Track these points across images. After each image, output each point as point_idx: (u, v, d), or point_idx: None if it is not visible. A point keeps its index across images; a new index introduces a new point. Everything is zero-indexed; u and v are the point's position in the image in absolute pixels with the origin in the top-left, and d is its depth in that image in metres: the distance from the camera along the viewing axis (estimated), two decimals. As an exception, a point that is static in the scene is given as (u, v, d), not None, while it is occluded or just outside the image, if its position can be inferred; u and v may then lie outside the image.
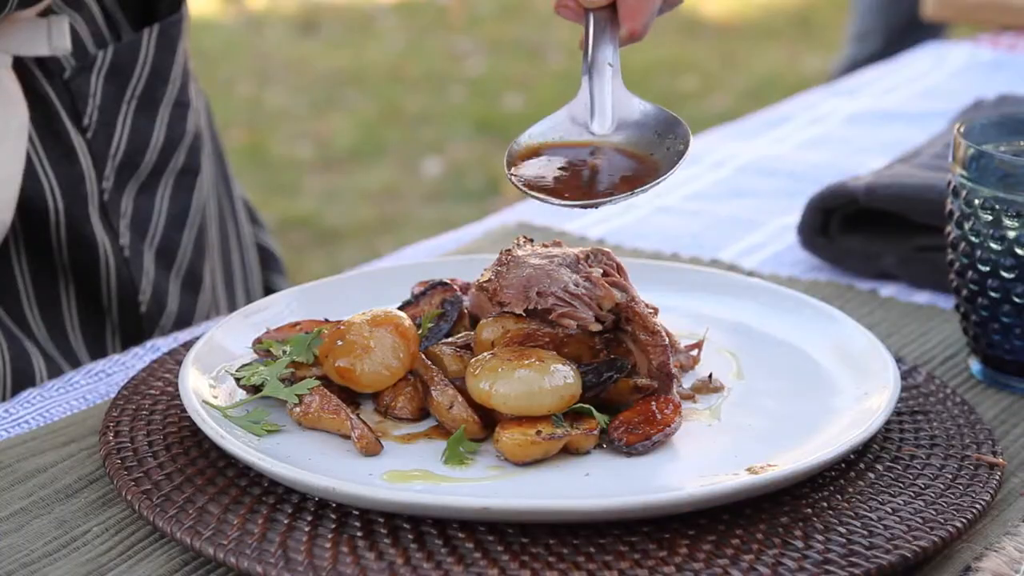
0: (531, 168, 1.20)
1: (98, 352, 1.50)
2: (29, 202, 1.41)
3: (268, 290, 1.78)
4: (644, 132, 1.22)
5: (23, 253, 1.44)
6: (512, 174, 1.20)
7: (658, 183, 1.17)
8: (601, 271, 1.18)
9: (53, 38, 1.39)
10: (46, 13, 1.40)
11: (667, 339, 1.17)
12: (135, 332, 1.53)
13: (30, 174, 1.41)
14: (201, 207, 1.59)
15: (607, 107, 1.23)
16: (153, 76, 1.49)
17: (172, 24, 1.51)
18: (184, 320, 1.57)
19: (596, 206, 1.18)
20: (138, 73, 1.48)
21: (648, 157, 1.20)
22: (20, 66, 1.40)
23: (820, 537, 1.03)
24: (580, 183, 1.20)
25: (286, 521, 1.03)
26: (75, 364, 1.47)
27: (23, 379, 1.41)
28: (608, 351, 1.17)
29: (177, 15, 1.52)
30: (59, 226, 1.43)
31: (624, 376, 1.15)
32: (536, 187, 1.18)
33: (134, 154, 1.49)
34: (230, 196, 1.71)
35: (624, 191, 1.17)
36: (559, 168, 1.21)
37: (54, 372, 1.44)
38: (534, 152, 1.22)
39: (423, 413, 1.16)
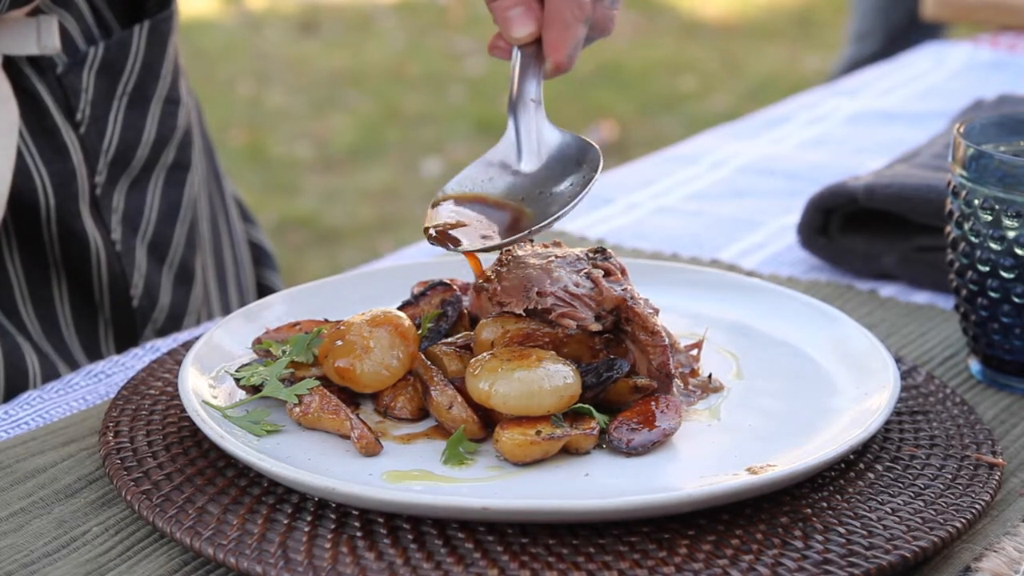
0: (442, 216, 1.20)
1: (91, 347, 1.50)
2: (21, 198, 1.42)
3: (261, 286, 1.78)
4: (567, 163, 1.22)
5: (15, 249, 1.44)
6: (428, 225, 1.19)
7: (573, 206, 1.17)
8: (601, 271, 1.18)
9: (42, 37, 1.40)
10: (35, 13, 1.40)
11: (667, 339, 1.17)
12: (128, 326, 1.53)
13: (22, 170, 1.41)
14: (192, 202, 1.59)
15: (533, 144, 1.22)
16: (144, 72, 1.50)
17: (162, 20, 1.51)
18: (176, 315, 1.58)
19: (487, 250, 1.17)
20: (129, 69, 1.48)
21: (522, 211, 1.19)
22: (10, 64, 1.40)
23: (820, 537, 1.03)
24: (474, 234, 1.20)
25: (286, 521, 1.03)
26: (68, 360, 1.47)
27: (17, 375, 1.41)
28: (608, 351, 1.17)
29: (167, 11, 1.52)
30: (50, 221, 1.44)
31: (624, 376, 1.15)
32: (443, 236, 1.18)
33: (126, 149, 1.50)
34: (221, 193, 1.72)
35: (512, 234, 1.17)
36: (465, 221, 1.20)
37: (47, 368, 1.44)
38: (448, 200, 1.21)
39: (423, 413, 1.16)
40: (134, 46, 1.48)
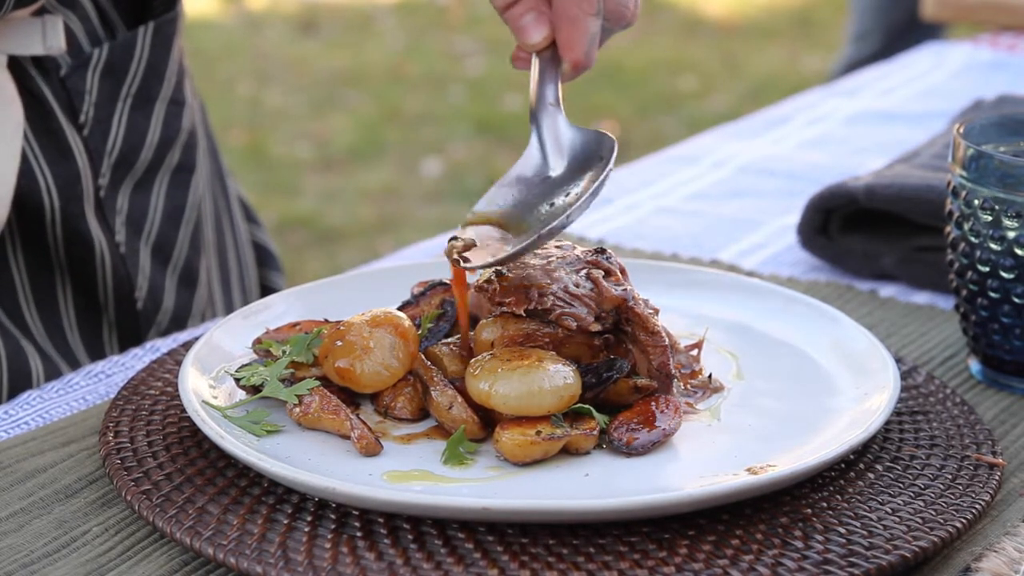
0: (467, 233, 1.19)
1: (95, 350, 1.50)
2: (25, 200, 1.42)
3: (265, 287, 1.78)
4: (590, 159, 1.20)
5: (19, 251, 1.44)
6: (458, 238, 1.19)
7: (577, 207, 1.15)
8: (601, 271, 1.18)
9: (48, 38, 1.39)
10: (40, 13, 1.40)
11: (667, 339, 1.17)
12: (132, 329, 1.53)
13: (26, 172, 1.41)
14: (197, 204, 1.59)
15: (559, 148, 1.21)
16: (149, 73, 1.50)
17: (167, 22, 1.51)
18: (180, 317, 1.57)
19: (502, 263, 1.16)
20: (133, 70, 1.48)
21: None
22: (15, 65, 1.40)
23: (820, 537, 1.03)
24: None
25: (286, 521, 1.03)
26: (72, 362, 1.47)
27: (20, 378, 1.41)
28: (608, 351, 1.17)
29: (172, 12, 1.52)
30: (55, 224, 1.44)
31: (624, 376, 1.15)
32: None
33: (130, 151, 1.49)
34: (225, 194, 1.71)
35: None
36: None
37: (51, 371, 1.44)
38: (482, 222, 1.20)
39: (423, 413, 1.16)
40: (138, 47, 1.48)
